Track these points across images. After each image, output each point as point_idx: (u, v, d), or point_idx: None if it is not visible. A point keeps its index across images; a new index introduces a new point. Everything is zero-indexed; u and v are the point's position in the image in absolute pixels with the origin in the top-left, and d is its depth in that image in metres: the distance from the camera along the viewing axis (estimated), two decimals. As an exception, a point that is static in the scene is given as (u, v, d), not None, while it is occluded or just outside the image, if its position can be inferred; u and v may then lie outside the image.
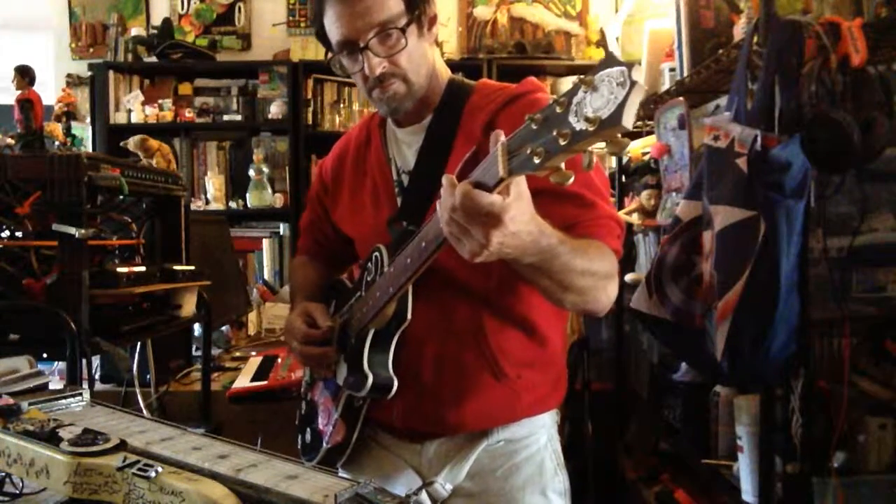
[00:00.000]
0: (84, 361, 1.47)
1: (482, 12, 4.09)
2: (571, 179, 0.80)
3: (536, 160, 0.79)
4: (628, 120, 0.71)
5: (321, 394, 1.39)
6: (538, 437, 1.33)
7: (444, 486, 1.28)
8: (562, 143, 0.77)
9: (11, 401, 1.03)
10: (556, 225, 1.07)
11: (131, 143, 2.28)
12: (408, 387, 1.23)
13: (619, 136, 0.73)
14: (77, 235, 1.49)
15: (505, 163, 0.84)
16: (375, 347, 1.20)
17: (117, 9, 4.21)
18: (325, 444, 1.33)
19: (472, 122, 1.25)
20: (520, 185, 0.88)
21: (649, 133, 2.59)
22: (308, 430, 1.40)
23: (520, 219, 0.89)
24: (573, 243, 1.05)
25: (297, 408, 1.49)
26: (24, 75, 1.76)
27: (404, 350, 1.22)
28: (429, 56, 1.27)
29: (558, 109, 0.78)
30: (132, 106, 3.96)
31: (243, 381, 2.20)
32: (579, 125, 0.75)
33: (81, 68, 4.15)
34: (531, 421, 1.32)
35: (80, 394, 1.12)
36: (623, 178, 3.09)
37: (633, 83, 0.71)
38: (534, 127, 0.81)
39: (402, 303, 1.16)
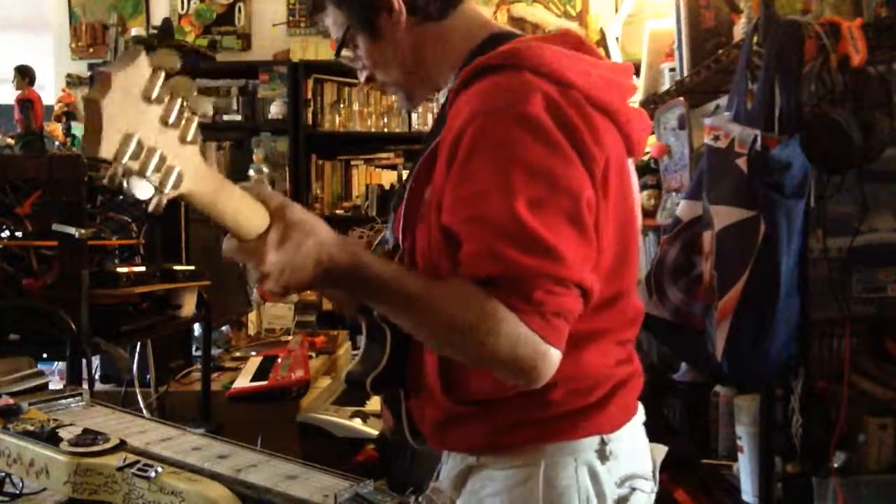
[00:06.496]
0: (84, 361, 1.47)
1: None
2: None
3: None
4: None
5: None
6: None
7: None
8: None
9: (11, 401, 1.03)
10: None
11: (131, 143, 2.27)
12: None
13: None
14: (77, 235, 1.48)
15: None
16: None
17: (117, 9, 4.21)
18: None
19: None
20: (285, 217, 0.83)
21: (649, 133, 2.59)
22: None
23: (287, 247, 0.83)
24: (402, 284, 0.89)
25: None
26: (24, 75, 1.76)
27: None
28: (399, 51, 1.08)
29: None
30: (132, 106, 3.96)
31: (243, 381, 2.20)
32: None
33: (81, 68, 4.15)
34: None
35: (80, 394, 1.12)
36: (623, 178, 3.08)
37: None
38: None
39: None
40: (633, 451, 1.07)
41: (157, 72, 0.67)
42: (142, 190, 0.69)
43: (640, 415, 1.11)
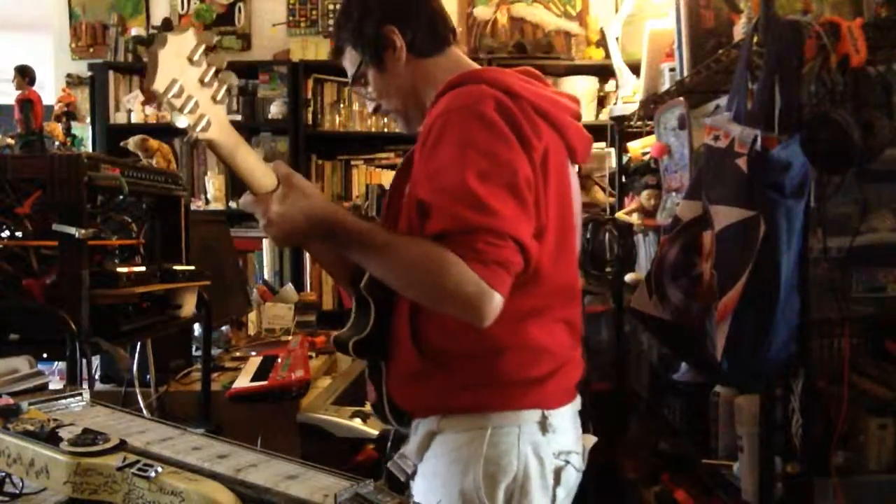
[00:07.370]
0: (84, 361, 1.47)
1: (482, 12, 4.09)
2: None
3: None
4: None
5: None
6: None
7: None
8: None
9: (11, 401, 1.03)
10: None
11: (131, 143, 2.28)
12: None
13: None
14: (77, 235, 1.48)
15: None
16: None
17: (117, 9, 4.21)
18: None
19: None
20: (290, 181, 1.08)
21: (649, 133, 2.59)
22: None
23: (286, 202, 1.08)
24: (373, 235, 1.11)
25: None
26: (24, 75, 1.76)
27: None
28: (399, 81, 1.32)
29: None
30: (132, 106, 3.96)
31: (243, 381, 2.20)
32: None
33: (81, 68, 4.15)
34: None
35: (80, 394, 1.12)
36: (623, 178, 3.09)
37: None
38: None
39: None
40: (569, 430, 1.25)
41: (200, 43, 0.92)
42: (181, 122, 0.92)
43: (577, 403, 1.29)
